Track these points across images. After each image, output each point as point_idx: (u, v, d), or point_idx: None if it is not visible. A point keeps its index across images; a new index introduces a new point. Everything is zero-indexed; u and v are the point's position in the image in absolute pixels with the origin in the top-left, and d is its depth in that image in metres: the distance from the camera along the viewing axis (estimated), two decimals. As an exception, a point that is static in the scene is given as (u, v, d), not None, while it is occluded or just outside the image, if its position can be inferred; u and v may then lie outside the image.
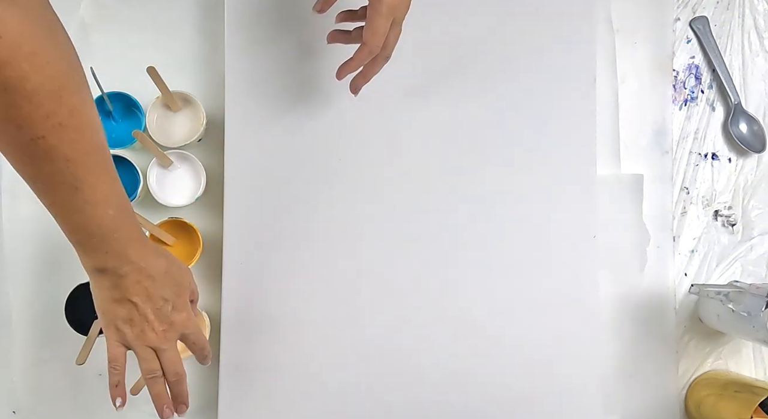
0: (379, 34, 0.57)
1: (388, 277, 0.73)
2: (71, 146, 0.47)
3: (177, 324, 0.57)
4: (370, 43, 0.58)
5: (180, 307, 0.57)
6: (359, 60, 0.60)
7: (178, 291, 0.57)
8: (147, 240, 0.56)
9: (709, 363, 0.78)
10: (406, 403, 0.72)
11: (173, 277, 0.57)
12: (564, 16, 0.75)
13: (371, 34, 0.57)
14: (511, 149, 0.74)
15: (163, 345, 0.56)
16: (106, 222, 0.51)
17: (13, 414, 0.74)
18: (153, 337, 0.56)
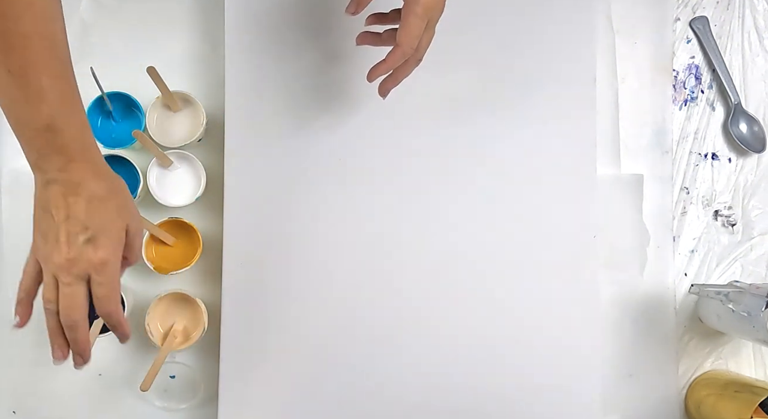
0: (413, 36, 0.56)
1: (387, 276, 0.73)
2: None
3: (84, 261, 0.50)
4: (404, 45, 0.56)
5: (100, 244, 0.50)
6: (392, 62, 0.58)
7: (107, 228, 0.50)
8: (98, 157, 0.51)
9: (709, 363, 0.78)
10: (406, 403, 0.72)
11: (108, 210, 0.51)
12: (564, 16, 0.75)
13: (406, 35, 0.56)
14: (511, 149, 0.74)
15: (64, 277, 0.50)
16: (40, 119, 0.47)
17: (13, 414, 0.74)
18: (58, 262, 0.50)
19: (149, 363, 0.69)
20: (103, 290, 0.51)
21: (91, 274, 0.50)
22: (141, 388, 0.65)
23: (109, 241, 0.50)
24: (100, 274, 0.50)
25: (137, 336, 0.74)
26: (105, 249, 0.50)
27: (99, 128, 0.72)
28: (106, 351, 0.74)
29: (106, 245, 0.50)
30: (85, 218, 0.49)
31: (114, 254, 0.51)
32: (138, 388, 0.67)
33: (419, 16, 0.55)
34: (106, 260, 0.50)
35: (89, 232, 0.49)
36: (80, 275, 0.50)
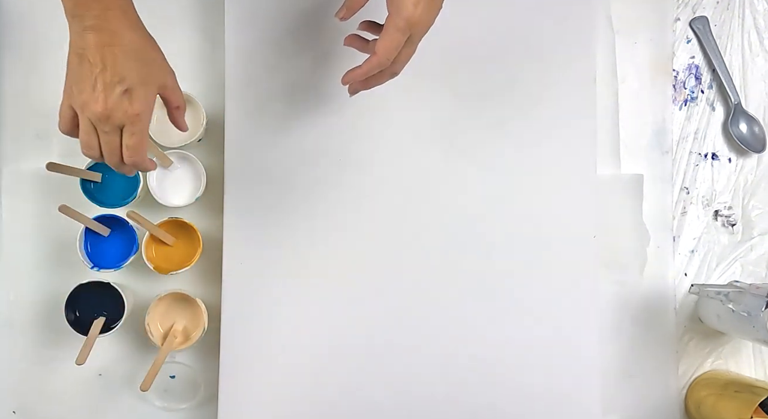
0: (391, 48, 0.55)
1: (387, 276, 0.73)
2: None
3: (120, 112, 0.52)
4: (381, 56, 0.56)
5: (135, 97, 0.53)
6: (367, 70, 0.57)
7: (143, 80, 0.53)
8: (132, 12, 0.53)
9: (709, 363, 0.78)
10: (406, 403, 0.72)
11: (144, 62, 0.53)
12: (564, 16, 0.75)
13: (384, 47, 0.55)
14: (511, 149, 0.74)
15: (103, 126, 0.53)
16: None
17: (13, 414, 0.74)
18: (95, 111, 0.52)
19: (149, 363, 0.69)
20: (135, 140, 0.54)
21: (125, 124, 0.53)
22: (141, 388, 0.65)
23: (143, 94, 0.53)
24: (134, 125, 0.53)
25: (137, 336, 0.74)
26: (140, 102, 0.53)
27: (99, 128, 0.72)
28: (106, 351, 0.74)
29: (141, 98, 0.53)
30: (122, 69, 0.51)
31: (147, 107, 0.54)
32: (138, 388, 0.67)
33: (400, 30, 0.55)
34: (141, 113, 0.53)
35: (125, 83, 0.52)
36: (117, 125, 0.53)
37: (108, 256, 0.71)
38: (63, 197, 0.68)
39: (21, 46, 0.76)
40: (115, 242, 0.71)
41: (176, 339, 0.70)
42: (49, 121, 0.75)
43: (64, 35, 0.76)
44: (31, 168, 0.74)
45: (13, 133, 0.76)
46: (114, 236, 0.71)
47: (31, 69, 0.76)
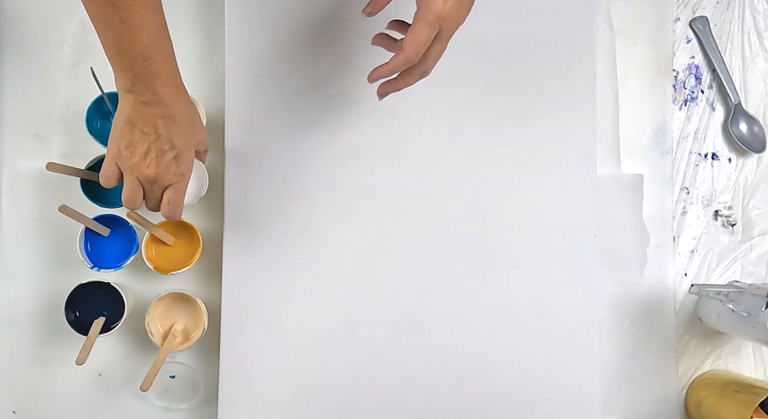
0: (420, 43, 0.53)
1: (387, 276, 0.73)
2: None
3: (170, 175, 0.58)
4: (409, 51, 0.54)
5: (182, 161, 0.58)
6: (394, 66, 0.56)
7: (188, 145, 0.59)
8: (182, 85, 0.58)
9: (709, 363, 0.78)
10: (406, 402, 0.72)
11: (192, 131, 0.59)
12: (564, 16, 0.75)
13: (412, 41, 0.53)
14: (512, 149, 0.74)
15: (152, 186, 0.58)
16: (139, 48, 0.52)
17: (13, 414, 0.74)
18: (147, 174, 0.57)
19: (149, 363, 0.69)
20: (177, 196, 0.60)
21: (171, 183, 0.59)
22: (141, 388, 0.65)
23: (188, 158, 0.59)
24: (179, 183, 0.59)
25: (137, 336, 0.74)
26: (185, 165, 0.59)
27: (99, 128, 0.72)
28: (106, 351, 0.74)
29: (186, 161, 0.59)
30: (174, 138, 0.57)
31: (190, 166, 0.60)
32: (138, 388, 0.67)
33: (429, 24, 0.53)
34: (185, 173, 0.59)
35: (175, 151, 0.57)
36: (164, 185, 0.59)
37: (108, 256, 0.71)
38: (63, 197, 0.68)
39: (21, 46, 0.76)
40: (115, 242, 0.71)
41: (176, 339, 0.70)
42: (49, 121, 0.76)
43: (65, 35, 0.76)
44: (31, 168, 0.74)
45: (13, 133, 0.76)
46: (114, 236, 0.71)
47: (31, 69, 0.76)
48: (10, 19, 0.76)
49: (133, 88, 0.55)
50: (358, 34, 0.73)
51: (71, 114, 0.75)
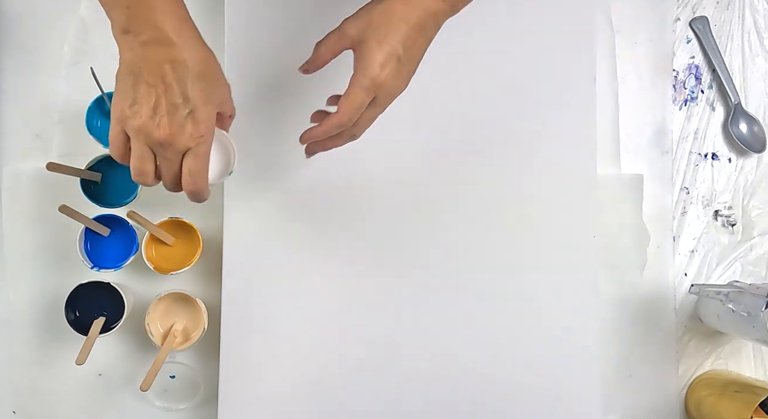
0: (353, 107, 0.52)
1: (387, 276, 0.73)
2: None
3: (186, 136, 0.48)
4: (343, 115, 0.52)
5: (200, 118, 0.48)
6: (327, 129, 0.54)
7: (206, 99, 0.48)
8: (191, 22, 0.49)
9: (709, 363, 0.78)
10: (406, 402, 0.72)
11: (209, 82, 0.49)
12: (564, 16, 0.75)
13: (346, 106, 0.52)
14: (511, 149, 0.74)
15: (165, 152, 0.48)
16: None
17: (13, 414, 0.74)
18: (158, 137, 0.47)
19: (149, 363, 0.69)
20: (198, 164, 0.50)
21: (189, 148, 0.49)
22: (141, 388, 0.65)
23: (207, 115, 0.49)
24: (198, 148, 0.49)
25: (137, 336, 0.74)
26: (204, 124, 0.49)
27: (99, 128, 0.72)
28: (106, 351, 0.74)
29: (205, 120, 0.49)
30: (186, 88, 0.47)
31: (211, 127, 0.50)
32: (138, 388, 0.67)
33: (365, 89, 0.52)
34: (205, 134, 0.49)
35: (190, 105, 0.47)
36: (181, 150, 0.49)
37: (108, 256, 0.71)
38: (63, 197, 0.68)
39: (21, 46, 0.76)
40: (115, 242, 0.71)
41: (176, 339, 0.70)
42: (49, 121, 0.76)
43: (65, 35, 0.76)
44: (31, 168, 0.74)
45: (13, 133, 0.76)
46: (114, 236, 0.71)
47: (31, 69, 0.76)
48: (10, 19, 0.76)
49: (128, 25, 0.45)
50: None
51: (71, 114, 0.75)
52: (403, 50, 0.52)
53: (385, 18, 0.52)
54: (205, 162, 0.51)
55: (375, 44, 0.52)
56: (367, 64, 0.52)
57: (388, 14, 0.52)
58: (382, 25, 0.52)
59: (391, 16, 0.52)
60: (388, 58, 0.52)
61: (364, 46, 0.52)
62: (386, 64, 0.52)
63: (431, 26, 0.54)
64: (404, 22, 0.52)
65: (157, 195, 0.75)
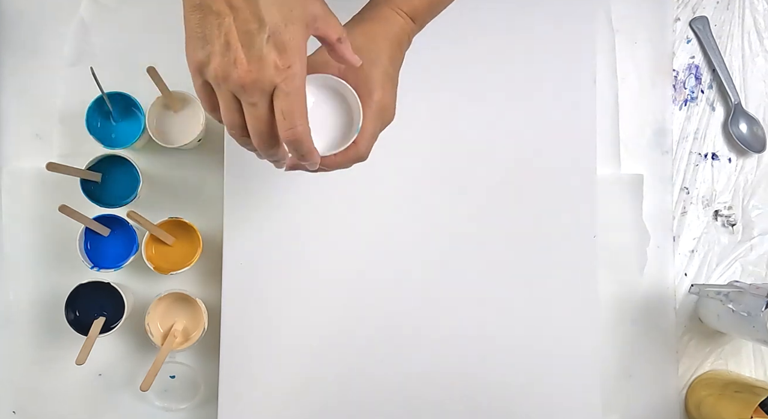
0: (371, 137, 0.50)
1: (387, 276, 0.73)
2: None
3: (269, 70, 0.39)
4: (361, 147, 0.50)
5: (284, 43, 0.39)
6: (345, 162, 0.50)
7: (288, 17, 0.39)
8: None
9: (709, 363, 0.78)
10: (407, 402, 0.72)
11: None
12: (564, 16, 0.75)
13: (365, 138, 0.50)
14: (511, 148, 0.74)
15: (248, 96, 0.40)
16: None
17: (13, 414, 0.74)
18: (237, 79, 0.39)
19: (149, 363, 0.69)
20: (291, 103, 0.41)
21: (276, 84, 0.40)
22: (141, 388, 0.65)
23: (293, 38, 0.40)
24: (288, 82, 0.40)
25: (137, 336, 0.74)
26: (291, 52, 0.40)
27: (99, 128, 0.72)
28: (106, 351, 0.74)
29: (292, 45, 0.40)
30: (260, 8, 0.39)
31: (301, 53, 0.41)
32: (138, 388, 0.67)
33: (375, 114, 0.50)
34: (294, 63, 0.40)
35: (268, 28, 0.39)
36: (266, 89, 0.40)
37: (108, 256, 0.71)
38: (63, 197, 0.68)
39: (21, 46, 0.76)
40: (115, 242, 0.71)
41: (176, 339, 0.70)
42: (49, 121, 0.76)
43: (65, 35, 0.76)
44: (31, 168, 0.74)
45: (13, 133, 0.76)
46: (114, 236, 0.71)
47: (31, 69, 0.76)
48: (10, 19, 0.76)
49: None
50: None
51: (71, 114, 0.75)
52: (392, 68, 0.52)
53: (369, 39, 0.51)
54: (300, 98, 0.41)
55: (369, 67, 0.50)
56: (370, 90, 0.50)
57: (370, 35, 0.51)
58: (369, 47, 0.51)
59: (374, 37, 0.51)
60: (384, 78, 0.51)
61: (359, 72, 0.50)
62: (384, 85, 0.51)
63: (405, 43, 0.55)
64: (386, 40, 0.52)
65: (157, 195, 0.75)
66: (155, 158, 0.75)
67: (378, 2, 0.54)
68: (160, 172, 0.75)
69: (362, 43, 0.51)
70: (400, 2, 0.53)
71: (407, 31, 0.54)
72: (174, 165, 0.76)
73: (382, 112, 0.51)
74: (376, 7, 0.54)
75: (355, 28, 0.52)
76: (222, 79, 0.40)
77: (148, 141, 0.73)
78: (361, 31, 0.52)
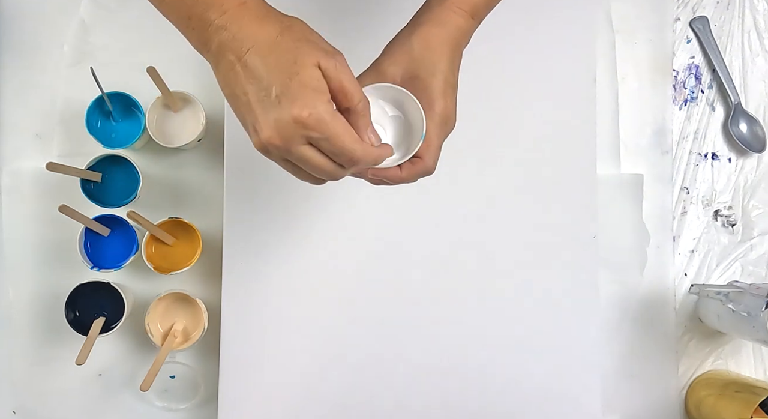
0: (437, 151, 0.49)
1: (387, 275, 0.73)
2: None
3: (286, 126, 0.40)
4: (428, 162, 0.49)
5: (292, 96, 0.40)
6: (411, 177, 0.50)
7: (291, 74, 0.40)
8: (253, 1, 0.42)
9: (709, 363, 0.78)
10: (406, 402, 0.72)
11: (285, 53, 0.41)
12: (564, 16, 0.75)
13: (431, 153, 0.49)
14: (511, 148, 0.74)
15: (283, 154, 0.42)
16: None
17: (13, 414, 0.74)
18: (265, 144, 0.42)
19: (149, 363, 0.69)
20: (334, 145, 0.42)
21: (307, 135, 0.41)
22: (141, 388, 0.65)
23: (301, 88, 0.41)
24: (315, 130, 0.41)
25: (137, 336, 0.74)
26: (302, 101, 0.40)
27: (99, 128, 0.72)
28: (106, 351, 0.74)
29: (300, 94, 0.41)
30: (260, 77, 0.41)
31: (316, 99, 0.41)
32: (138, 388, 0.67)
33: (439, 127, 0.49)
34: (312, 109, 0.40)
35: (273, 89, 0.40)
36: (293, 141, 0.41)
37: (108, 256, 0.71)
38: (63, 197, 0.68)
39: (21, 46, 0.76)
40: (115, 242, 0.71)
41: (176, 339, 0.70)
42: (49, 121, 0.76)
43: (65, 35, 0.76)
44: (31, 168, 0.74)
45: (13, 133, 0.76)
46: (114, 236, 0.71)
47: (31, 69, 0.76)
48: (10, 19, 0.76)
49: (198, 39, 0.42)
50: (362, 36, 0.73)
51: (71, 114, 0.75)
52: (452, 75, 0.50)
53: (427, 46, 0.49)
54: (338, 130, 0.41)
55: (429, 76, 0.49)
56: (431, 100, 0.48)
57: (427, 41, 0.49)
58: (427, 55, 0.49)
59: (432, 43, 0.49)
60: (445, 86, 0.49)
61: (418, 83, 0.49)
62: (446, 93, 0.49)
63: (463, 44, 0.52)
64: (446, 45, 0.49)
65: (157, 195, 0.75)
66: (155, 158, 0.75)
67: (433, 3, 0.51)
68: (160, 172, 0.75)
69: (418, 53, 0.49)
70: (458, 1, 0.51)
71: (467, 32, 0.51)
72: (174, 165, 0.76)
73: (445, 122, 0.50)
74: (432, 9, 0.51)
75: (412, 34, 0.50)
76: (264, 152, 0.43)
77: (148, 141, 0.73)
78: (419, 38, 0.49)
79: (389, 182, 0.50)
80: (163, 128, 0.72)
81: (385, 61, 0.50)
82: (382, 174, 0.49)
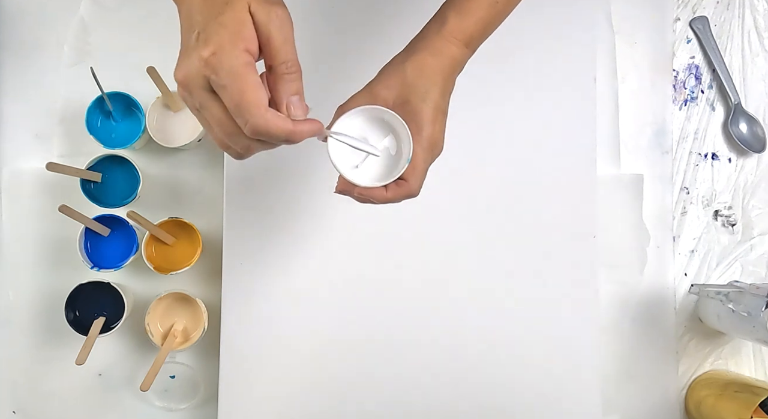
0: (422, 175, 0.50)
1: (387, 275, 0.73)
2: None
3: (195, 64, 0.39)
4: (413, 185, 0.50)
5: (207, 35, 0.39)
6: (395, 198, 0.50)
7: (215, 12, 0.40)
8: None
9: (709, 363, 0.78)
10: (406, 402, 0.72)
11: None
12: (564, 16, 0.75)
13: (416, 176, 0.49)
14: (511, 148, 0.74)
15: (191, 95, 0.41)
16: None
17: (13, 414, 0.74)
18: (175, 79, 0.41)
19: (149, 363, 0.69)
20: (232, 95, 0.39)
21: (207, 76, 0.40)
22: (141, 388, 0.65)
23: (217, 29, 0.39)
24: (214, 72, 0.39)
25: (137, 336, 0.74)
26: (214, 40, 0.39)
27: (99, 128, 0.72)
28: (106, 351, 0.74)
29: (215, 34, 0.39)
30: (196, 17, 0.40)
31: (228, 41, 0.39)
32: (138, 388, 0.67)
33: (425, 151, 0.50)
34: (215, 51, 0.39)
35: (195, 29, 0.40)
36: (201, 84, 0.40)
37: (108, 256, 0.71)
38: (63, 197, 0.68)
39: (21, 46, 0.76)
40: (115, 242, 0.71)
41: (176, 339, 0.70)
42: (49, 121, 0.76)
43: (65, 35, 0.76)
44: (31, 168, 0.74)
45: (13, 133, 0.76)
46: (114, 236, 0.71)
47: (31, 69, 0.76)
48: (10, 19, 0.76)
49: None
50: (361, 36, 0.73)
51: (71, 114, 0.75)
52: (443, 101, 0.52)
53: (421, 73, 0.50)
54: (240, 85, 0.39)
55: (419, 102, 0.50)
56: (420, 126, 0.49)
57: (421, 69, 0.50)
58: (419, 81, 0.50)
59: (425, 71, 0.50)
60: (435, 113, 0.50)
61: (408, 108, 0.50)
62: (435, 120, 0.50)
63: (457, 72, 0.53)
64: (438, 74, 0.51)
65: (157, 195, 0.75)
66: (155, 158, 0.75)
67: (430, 32, 0.52)
68: (160, 172, 0.75)
69: (411, 79, 0.50)
70: (454, 31, 0.51)
71: (461, 61, 0.53)
72: (174, 165, 0.76)
73: (432, 148, 0.50)
74: (428, 38, 0.52)
75: (405, 62, 0.51)
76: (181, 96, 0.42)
77: (148, 141, 0.73)
78: (413, 65, 0.50)
79: (375, 202, 0.51)
80: (163, 128, 0.72)
81: (378, 85, 0.51)
82: (368, 194, 0.49)
